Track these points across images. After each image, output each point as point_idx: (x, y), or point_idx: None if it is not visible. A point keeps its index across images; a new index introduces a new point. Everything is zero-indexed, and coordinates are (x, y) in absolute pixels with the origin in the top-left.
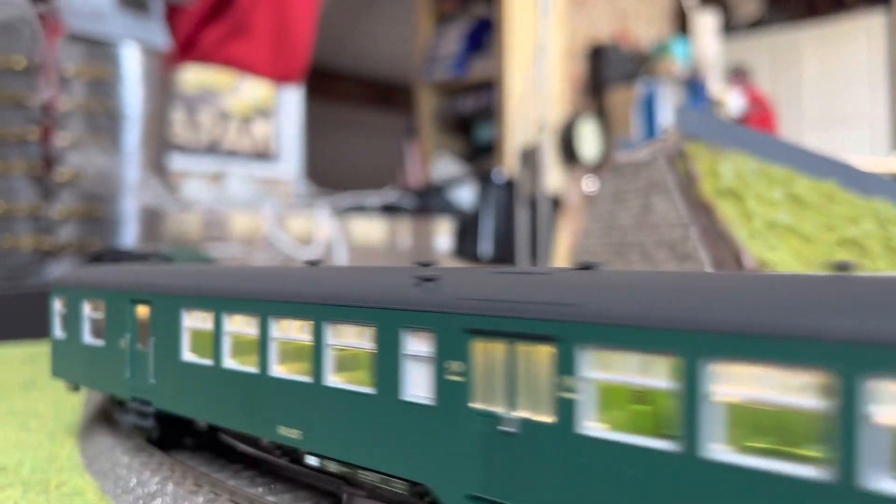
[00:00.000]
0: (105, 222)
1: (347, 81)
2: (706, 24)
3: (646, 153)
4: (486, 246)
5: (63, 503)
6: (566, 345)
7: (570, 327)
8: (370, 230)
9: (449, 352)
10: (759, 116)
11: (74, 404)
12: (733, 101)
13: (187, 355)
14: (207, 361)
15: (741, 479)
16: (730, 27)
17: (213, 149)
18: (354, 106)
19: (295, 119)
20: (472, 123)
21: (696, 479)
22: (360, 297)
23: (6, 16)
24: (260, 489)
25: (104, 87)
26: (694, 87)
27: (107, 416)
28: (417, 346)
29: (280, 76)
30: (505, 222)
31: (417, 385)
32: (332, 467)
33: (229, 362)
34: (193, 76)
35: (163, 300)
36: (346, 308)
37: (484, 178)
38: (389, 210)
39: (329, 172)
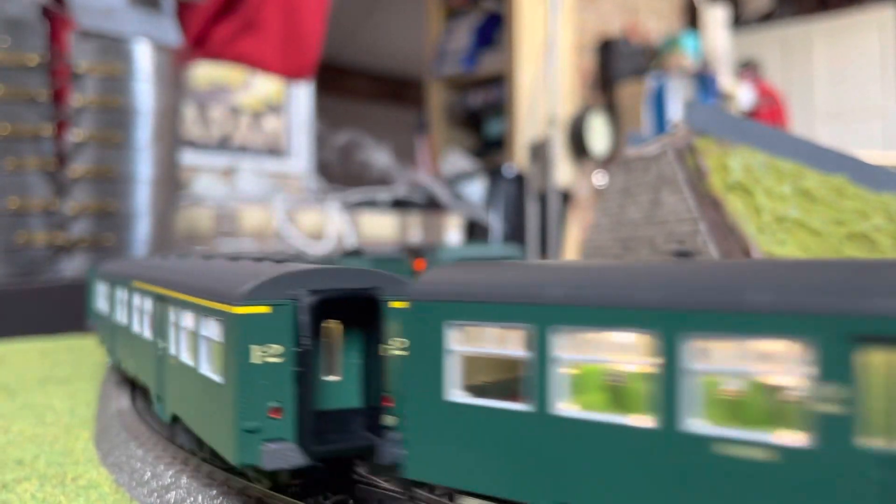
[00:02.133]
0: (118, 218)
1: (358, 77)
2: (716, 17)
3: (655, 148)
4: (496, 240)
5: (79, 496)
6: None
7: None
8: (380, 225)
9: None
10: (770, 110)
11: (89, 399)
12: (744, 95)
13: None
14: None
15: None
16: (740, 21)
17: (224, 144)
18: (364, 101)
19: (305, 114)
20: (482, 118)
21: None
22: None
23: (19, 12)
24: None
25: (116, 83)
26: (704, 81)
27: (120, 412)
28: None
29: (291, 72)
30: (515, 217)
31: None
32: None
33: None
34: (204, 72)
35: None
36: None
37: (494, 173)
38: (400, 205)
39: (339, 168)
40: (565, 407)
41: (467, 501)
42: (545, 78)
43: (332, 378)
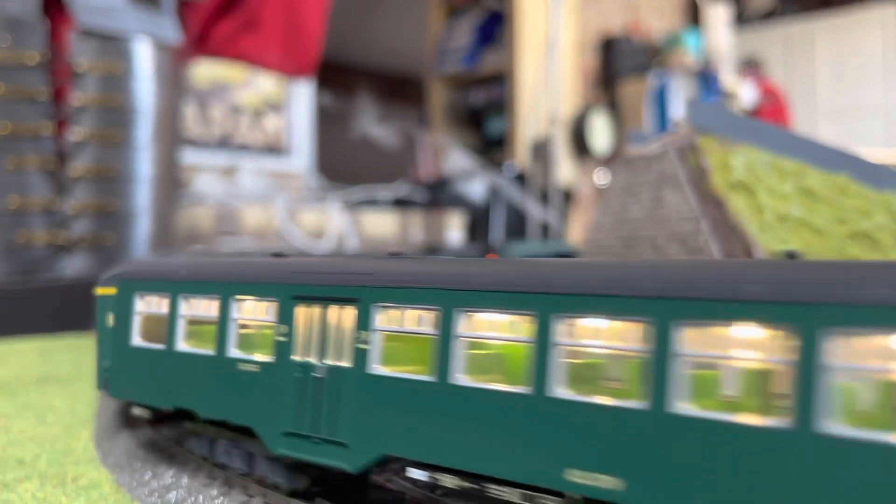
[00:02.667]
0: (118, 217)
1: (358, 75)
2: (718, 15)
3: (657, 146)
4: (497, 238)
5: (79, 495)
6: None
7: None
8: (382, 224)
9: None
10: (772, 108)
11: (90, 399)
12: (746, 93)
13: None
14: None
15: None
16: (742, 18)
17: (224, 143)
18: (365, 98)
19: (306, 113)
20: (484, 116)
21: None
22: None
23: (18, 11)
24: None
25: (117, 82)
26: (706, 79)
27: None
28: None
29: (291, 70)
30: (516, 215)
31: None
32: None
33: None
34: (205, 71)
35: None
36: None
37: (496, 171)
38: (401, 203)
39: (340, 166)
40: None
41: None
42: (547, 76)
43: None
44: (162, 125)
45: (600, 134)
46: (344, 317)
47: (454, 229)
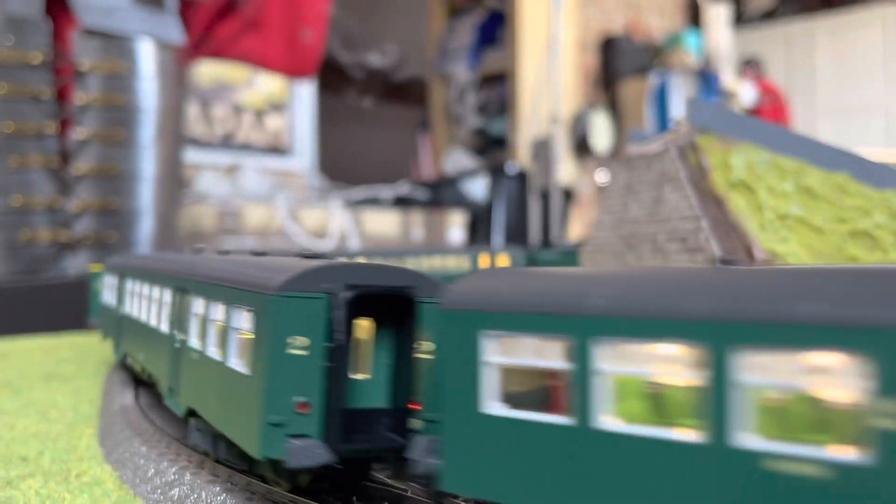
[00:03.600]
0: (121, 215)
1: (359, 72)
2: (719, 14)
3: (658, 145)
4: (498, 238)
5: (83, 492)
6: None
7: None
8: (383, 223)
9: None
10: (772, 108)
11: (93, 396)
12: (746, 93)
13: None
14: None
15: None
16: (742, 18)
17: (227, 142)
18: (366, 98)
19: (308, 112)
20: (485, 116)
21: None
22: None
23: (22, 10)
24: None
25: (120, 81)
26: (707, 78)
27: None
28: None
29: (294, 70)
30: (517, 215)
31: None
32: None
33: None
34: (207, 70)
35: None
36: None
37: (496, 171)
38: (402, 203)
39: (342, 165)
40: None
41: None
42: (547, 76)
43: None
44: (164, 124)
45: (601, 133)
46: None
47: (455, 228)
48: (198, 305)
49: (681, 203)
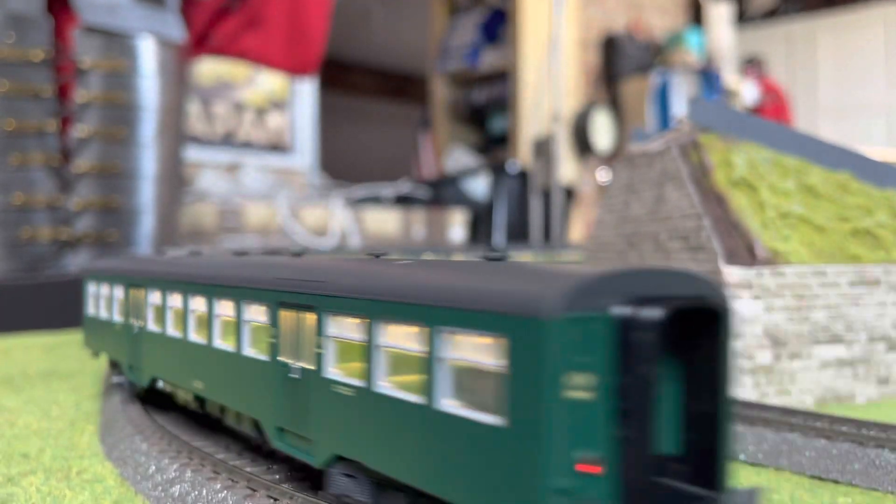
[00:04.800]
0: (122, 213)
1: (361, 72)
2: (721, 13)
3: (659, 144)
4: (499, 236)
5: (84, 489)
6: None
7: None
8: (384, 221)
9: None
10: (774, 107)
11: (94, 393)
12: (748, 92)
13: None
14: None
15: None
16: (744, 17)
17: (228, 140)
18: (368, 97)
19: (309, 110)
20: (486, 114)
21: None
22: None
23: (23, 8)
24: (277, 476)
25: (121, 79)
26: (708, 77)
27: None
28: None
29: (295, 68)
30: (519, 213)
31: None
32: None
33: None
34: (209, 68)
35: None
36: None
37: (498, 169)
38: (403, 201)
39: (343, 164)
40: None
41: None
42: (549, 74)
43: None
44: (166, 122)
45: (602, 132)
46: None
47: (456, 227)
48: (347, 328)
49: (682, 201)
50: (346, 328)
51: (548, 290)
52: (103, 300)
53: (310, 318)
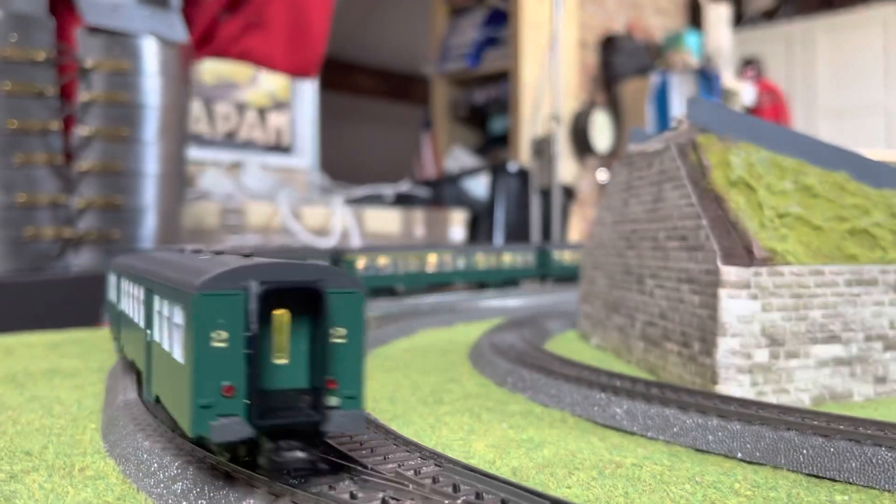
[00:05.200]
0: (125, 212)
1: (362, 73)
2: (719, 14)
3: (658, 144)
4: (499, 237)
5: (86, 486)
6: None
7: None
8: (385, 221)
9: None
10: (772, 107)
11: (96, 391)
12: (746, 92)
13: None
14: None
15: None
16: (743, 18)
17: (229, 140)
18: (369, 98)
19: (311, 110)
20: (487, 114)
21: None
22: None
23: (26, 8)
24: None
25: (124, 79)
26: (707, 77)
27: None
28: None
29: (296, 70)
30: (519, 212)
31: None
32: None
33: None
34: (211, 68)
35: None
36: None
37: (498, 169)
38: (404, 201)
39: (344, 164)
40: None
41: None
42: (549, 74)
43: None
44: (168, 122)
45: (602, 132)
46: None
47: (457, 226)
48: (159, 303)
49: (681, 201)
50: (155, 303)
51: (200, 277)
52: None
53: (151, 296)
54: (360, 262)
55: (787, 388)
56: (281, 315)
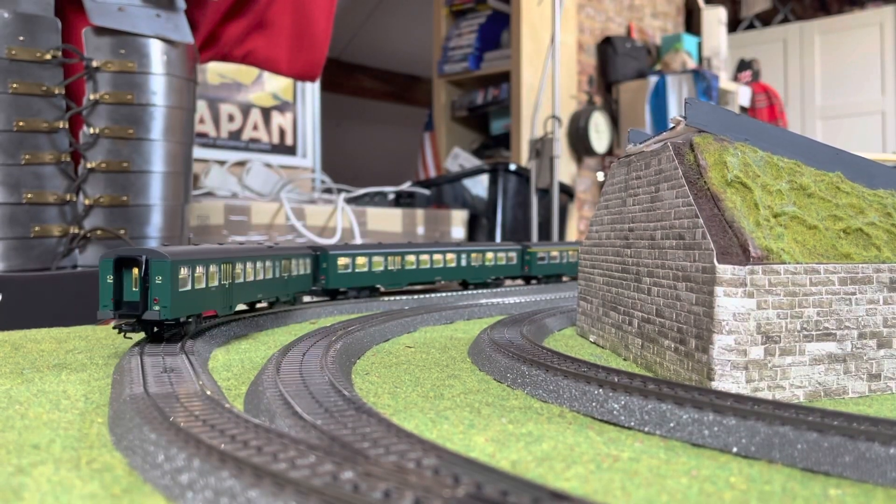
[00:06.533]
0: (131, 210)
1: (364, 75)
2: (716, 17)
3: (655, 144)
4: (499, 236)
5: (93, 478)
6: None
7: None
8: (386, 220)
9: None
10: (768, 109)
11: (103, 386)
12: (742, 94)
13: None
14: None
15: None
16: (740, 21)
17: (234, 139)
18: (371, 99)
19: (314, 111)
20: (487, 115)
21: None
22: None
23: (33, 8)
24: (283, 465)
25: (129, 79)
26: (704, 79)
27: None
28: None
29: (300, 73)
30: (518, 213)
31: None
32: None
33: None
34: (216, 68)
35: None
36: None
37: (498, 169)
38: (405, 200)
39: (346, 165)
40: None
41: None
42: (548, 76)
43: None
44: (174, 121)
45: (600, 133)
46: None
47: (457, 226)
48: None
49: (678, 200)
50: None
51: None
52: None
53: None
54: (342, 260)
55: (782, 384)
56: (134, 270)
